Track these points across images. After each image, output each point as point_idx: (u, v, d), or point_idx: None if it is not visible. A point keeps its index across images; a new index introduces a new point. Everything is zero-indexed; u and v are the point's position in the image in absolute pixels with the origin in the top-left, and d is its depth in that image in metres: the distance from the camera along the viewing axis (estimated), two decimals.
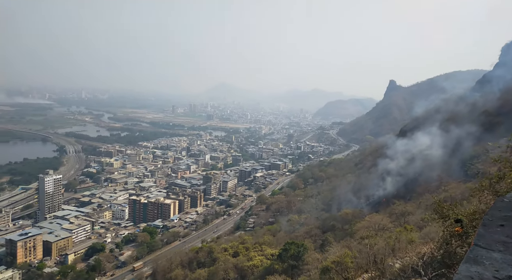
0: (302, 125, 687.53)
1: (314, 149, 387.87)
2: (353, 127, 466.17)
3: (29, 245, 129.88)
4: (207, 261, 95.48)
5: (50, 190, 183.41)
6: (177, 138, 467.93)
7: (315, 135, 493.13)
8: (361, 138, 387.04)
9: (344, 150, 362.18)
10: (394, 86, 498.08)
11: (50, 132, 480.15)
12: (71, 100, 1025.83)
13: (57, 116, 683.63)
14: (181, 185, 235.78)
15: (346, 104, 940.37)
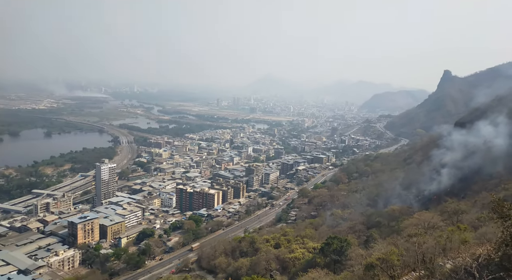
0: (347, 118, 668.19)
1: (359, 143, 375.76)
2: (403, 120, 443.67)
3: (88, 228, 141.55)
4: (249, 250, 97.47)
5: (105, 177, 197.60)
6: (221, 131, 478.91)
7: (360, 128, 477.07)
8: (411, 132, 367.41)
9: (392, 144, 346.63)
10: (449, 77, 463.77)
11: (105, 124, 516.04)
12: (124, 94, 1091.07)
13: (112, 108, 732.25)
14: (225, 176, 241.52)
15: (395, 96, 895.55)
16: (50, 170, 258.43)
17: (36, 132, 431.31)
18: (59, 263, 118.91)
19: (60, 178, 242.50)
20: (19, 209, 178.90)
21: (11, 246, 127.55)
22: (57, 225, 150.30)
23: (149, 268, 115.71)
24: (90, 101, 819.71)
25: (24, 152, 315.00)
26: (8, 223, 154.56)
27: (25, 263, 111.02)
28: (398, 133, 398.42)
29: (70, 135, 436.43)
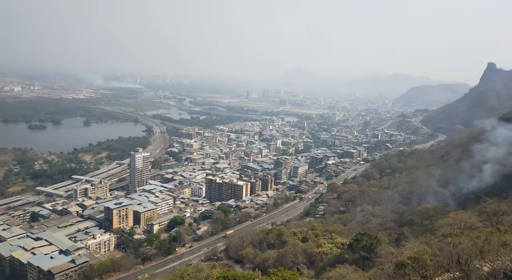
0: (380, 112, 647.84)
1: (392, 138, 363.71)
2: (440, 115, 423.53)
3: (123, 214, 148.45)
4: (276, 243, 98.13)
5: (139, 166, 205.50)
6: (250, 123, 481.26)
7: (394, 123, 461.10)
8: (449, 128, 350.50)
9: (428, 140, 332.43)
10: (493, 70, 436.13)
11: (140, 114, 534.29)
12: (158, 85, 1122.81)
13: (146, 99, 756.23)
14: (253, 168, 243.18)
15: (433, 90, 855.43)
16: (89, 157, 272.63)
17: (76, 121, 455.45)
18: (96, 246, 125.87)
19: (97, 165, 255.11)
20: (60, 193, 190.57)
21: (53, 228, 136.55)
22: (95, 209, 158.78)
23: (179, 255, 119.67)
24: (126, 92, 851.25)
25: (65, 139, 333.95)
26: (50, 206, 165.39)
27: (65, 244, 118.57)
28: (435, 128, 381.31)
29: (107, 124, 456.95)
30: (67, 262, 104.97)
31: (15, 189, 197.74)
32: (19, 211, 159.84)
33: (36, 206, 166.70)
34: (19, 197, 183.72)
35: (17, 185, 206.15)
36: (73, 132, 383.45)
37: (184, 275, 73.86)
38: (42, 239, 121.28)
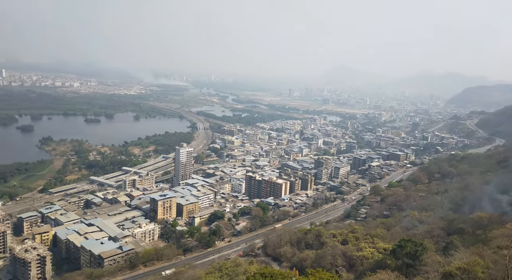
0: (431, 113, 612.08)
1: (444, 141, 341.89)
2: (499, 118, 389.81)
3: (167, 205, 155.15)
4: (314, 243, 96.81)
5: (183, 160, 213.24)
6: (291, 121, 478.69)
7: (446, 125, 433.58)
8: (509, 132, 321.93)
9: (484, 144, 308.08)
10: None
11: (185, 110, 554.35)
12: (202, 83, 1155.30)
13: (191, 96, 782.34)
14: (293, 167, 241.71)
15: (491, 91, 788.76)
16: (137, 150, 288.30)
17: (127, 115, 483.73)
18: (141, 235, 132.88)
19: (145, 158, 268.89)
20: (111, 183, 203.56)
21: (104, 215, 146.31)
22: (141, 200, 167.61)
23: (218, 248, 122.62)
24: (173, 89, 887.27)
25: (116, 132, 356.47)
26: (102, 194, 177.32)
27: (114, 231, 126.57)
28: (493, 132, 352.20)
29: (154, 119, 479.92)
30: (115, 248, 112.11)
31: (72, 178, 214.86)
32: (75, 198, 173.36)
33: (89, 194, 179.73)
34: (75, 185, 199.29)
35: (74, 174, 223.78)
36: (124, 126, 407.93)
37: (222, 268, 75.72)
38: (94, 225, 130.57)
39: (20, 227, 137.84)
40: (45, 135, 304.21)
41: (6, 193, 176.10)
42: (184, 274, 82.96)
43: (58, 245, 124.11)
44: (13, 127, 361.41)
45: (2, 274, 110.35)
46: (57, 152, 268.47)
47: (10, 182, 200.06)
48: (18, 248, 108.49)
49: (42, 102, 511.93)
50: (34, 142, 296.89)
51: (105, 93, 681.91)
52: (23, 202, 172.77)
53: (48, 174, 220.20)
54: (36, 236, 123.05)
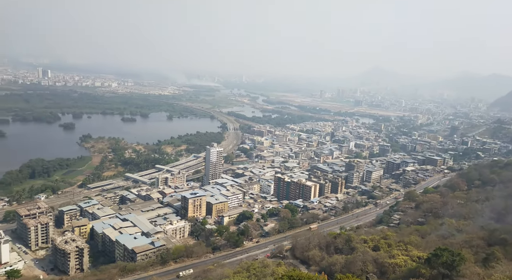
0: (471, 117, 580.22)
1: (485, 146, 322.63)
2: None
3: (197, 204, 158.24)
4: (344, 248, 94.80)
5: (213, 160, 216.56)
6: (322, 123, 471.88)
7: (488, 129, 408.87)
8: None
9: None
10: None
11: (216, 111, 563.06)
12: (233, 83, 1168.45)
13: (222, 97, 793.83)
14: (323, 169, 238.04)
15: None
16: (170, 149, 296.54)
17: (161, 115, 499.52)
18: (172, 231, 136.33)
19: (177, 156, 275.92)
20: (145, 180, 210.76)
21: (138, 211, 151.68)
22: (173, 197, 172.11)
23: (246, 249, 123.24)
24: (205, 89, 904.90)
25: (151, 131, 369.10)
26: (136, 191, 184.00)
27: (147, 227, 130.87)
28: None
29: (186, 119, 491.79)
30: (147, 243, 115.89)
31: (109, 174, 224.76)
32: (111, 194, 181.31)
33: (124, 190, 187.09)
34: (111, 181, 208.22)
35: (110, 170, 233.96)
36: (158, 125, 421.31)
37: (250, 268, 76.04)
38: (128, 221, 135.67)
39: (61, 220, 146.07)
40: (85, 132, 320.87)
41: (49, 187, 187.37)
42: (212, 272, 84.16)
43: (95, 238, 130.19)
44: (56, 124, 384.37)
45: (45, 263, 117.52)
46: (95, 149, 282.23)
47: (53, 177, 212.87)
48: (59, 240, 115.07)
49: (83, 101, 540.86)
50: (75, 139, 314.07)
51: (141, 93, 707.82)
52: (64, 196, 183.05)
53: (87, 170, 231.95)
54: (75, 228, 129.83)
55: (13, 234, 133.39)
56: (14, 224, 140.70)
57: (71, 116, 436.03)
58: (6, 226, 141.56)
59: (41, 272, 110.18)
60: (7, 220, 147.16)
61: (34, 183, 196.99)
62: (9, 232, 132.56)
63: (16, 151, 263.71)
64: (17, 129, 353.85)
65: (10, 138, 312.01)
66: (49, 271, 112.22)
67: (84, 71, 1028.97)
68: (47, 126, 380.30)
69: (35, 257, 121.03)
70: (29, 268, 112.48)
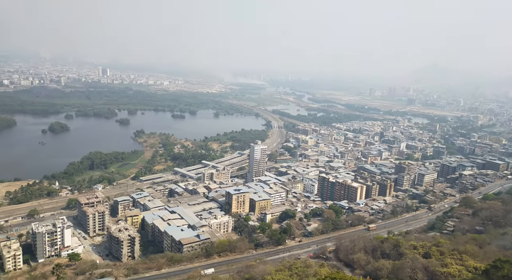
0: None
1: None
2: None
3: (240, 200, 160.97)
4: (392, 253, 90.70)
5: (257, 157, 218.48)
6: (370, 122, 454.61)
7: None
8: None
9: None
10: None
11: (261, 109, 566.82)
12: (279, 81, 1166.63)
13: (267, 95, 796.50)
14: (370, 170, 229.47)
15: None
16: (216, 145, 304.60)
17: (208, 112, 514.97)
18: (216, 226, 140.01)
19: (222, 153, 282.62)
20: (192, 175, 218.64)
21: (185, 204, 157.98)
22: (217, 193, 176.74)
23: (288, 247, 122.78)
24: (251, 87, 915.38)
25: (198, 128, 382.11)
26: (184, 185, 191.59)
27: (193, 220, 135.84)
28: None
29: (232, 116, 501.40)
30: (193, 236, 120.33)
31: (159, 168, 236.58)
32: (161, 187, 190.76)
33: (173, 184, 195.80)
34: (161, 174, 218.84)
35: (160, 164, 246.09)
36: (205, 122, 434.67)
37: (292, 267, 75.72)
38: (176, 213, 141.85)
39: (116, 209, 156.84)
40: (139, 128, 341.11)
41: (106, 178, 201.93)
42: (255, 268, 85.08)
43: (145, 228, 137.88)
44: (113, 120, 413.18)
45: (101, 248, 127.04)
46: (147, 144, 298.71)
47: (110, 169, 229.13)
48: (113, 228, 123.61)
49: (137, 98, 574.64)
50: (129, 134, 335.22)
51: (190, 91, 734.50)
52: (119, 187, 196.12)
53: (140, 163, 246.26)
54: (128, 218, 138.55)
55: (74, 220, 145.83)
56: (75, 211, 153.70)
57: (127, 112, 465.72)
58: (68, 213, 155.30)
59: (97, 257, 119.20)
60: (69, 207, 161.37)
61: (93, 174, 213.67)
62: (71, 218, 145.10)
63: (78, 144, 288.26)
64: (79, 123, 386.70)
65: (73, 131, 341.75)
66: (104, 257, 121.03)
67: (139, 70, 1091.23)
68: (105, 121, 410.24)
69: (92, 242, 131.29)
70: (87, 253, 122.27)
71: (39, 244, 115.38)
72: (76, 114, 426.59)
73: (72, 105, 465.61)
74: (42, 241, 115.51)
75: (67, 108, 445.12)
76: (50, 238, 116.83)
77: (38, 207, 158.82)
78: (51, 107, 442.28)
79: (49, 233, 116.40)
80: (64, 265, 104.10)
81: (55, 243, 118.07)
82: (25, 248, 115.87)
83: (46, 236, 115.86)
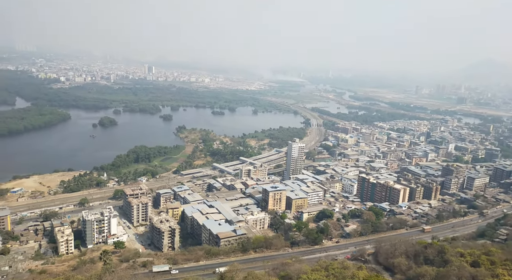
0: None
1: None
2: None
3: (277, 197, 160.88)
4: (436, 260, 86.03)
5: (295, 155, 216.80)
6: (416, 122, 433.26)
7: None
8: None
9: None
10: None
11: (300, 106, 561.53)
12: (319, 79, 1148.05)
13: (307, 92, 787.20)
14: (415, 172, 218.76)
15: None
16: (253, 142, 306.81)
17: (247, 109, 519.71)
18: (253, 222, 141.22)
19: (260, 150, 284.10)
20: (230, 170, 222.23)
21: (222, 199, 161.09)
22: (254, 189, 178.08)
23: (325, 247, 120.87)
24: (290, 85, 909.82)
25: (237, 124, 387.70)
26: (222, 180, 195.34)
27: (230, 215, 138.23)
28: None
29: (270, 114, 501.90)
30: (230, 230, 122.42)
31: (198, 163, 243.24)
32: (200, 181, 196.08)
33: (211, 179, 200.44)
34: (201, 169, 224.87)
35: (200, 159, 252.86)
36: (244, 119, 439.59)
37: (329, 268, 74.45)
38: (214, 207, 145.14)
39: (158, 201, 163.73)
40: (181, 124, 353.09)
41: (150, 171, 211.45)
42: (290, 266, 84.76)
43: (185, 220, 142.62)
44: (157, 116, 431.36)
45: (143, 238, 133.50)
46: (188, 139, 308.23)
47: (153, 162, 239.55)
48: (155, 219, 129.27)
49: (179, 95, 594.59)
50: (171, 129, 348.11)
51: (230, 88, 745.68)
52: (161, 180, 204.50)
53: (181, 158, 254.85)
54: (169, 210, 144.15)
55: (119, 210, 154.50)
56: (121, 201, 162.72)
57: (170, 108, 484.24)
58: (115, 203, 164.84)
59: (140, 246, 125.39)
60: (116, 197, 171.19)
61: (137, 167, 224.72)
62: (116, 208, 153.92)
63: (124, 137, 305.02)
64: (126, 118, 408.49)
65: (120, 126, 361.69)
66: (146, 246, 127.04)
67: (182, 67, 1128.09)
68: (150, 116, 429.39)
69: (136, 232, 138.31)
70: (131, 241, 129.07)
71: (89, 231, 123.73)
72: (124, 110, 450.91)
73: (120, 101, 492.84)
74: (91, 228, 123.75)
75: (115, 103, 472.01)
76: (98, 225, 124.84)
77: (88, 196, 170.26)
78: (101, 102, 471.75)
79: (97, 221, 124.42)
80: (110, 252, 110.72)
81: (103, 231, 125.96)
82: (76, 234, 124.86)
83: (94, 223, 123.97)
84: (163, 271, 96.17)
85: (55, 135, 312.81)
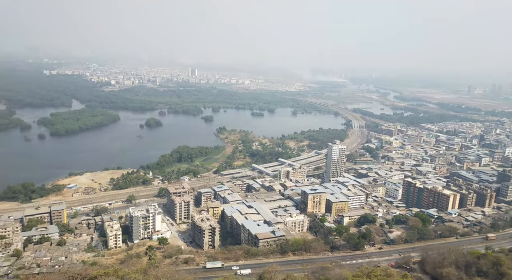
0: None
1: None
2: None
3: (316, 200, 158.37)
4: (490, 272, 79.97)
5: (335, 157, 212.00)
6: (468, 124, 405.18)
7: None
8: None
9: None
10: None
11: (340, 107, 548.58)
12: (362, 79, 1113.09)
13: (348, 93, 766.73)
14: (466, 177, 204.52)
15: None
16: (293, 143, 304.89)
17: (286, 111, 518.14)
18: (291, 224, 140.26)
19: (299, 151, 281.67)
20: (268, 172, 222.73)
21: (261, 200, 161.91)
22: (293, 191, 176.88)
23: (367, 253, 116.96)
24: (331, 85, 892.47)
25: (276, 126, 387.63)
26: (261, 181, 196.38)
27: (269, 216, 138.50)
28: None
29: (310, 115, 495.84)
30: (269, 231, 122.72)
31: (238, 163, 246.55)
32: (239, 181, 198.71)
33: (250, 180, 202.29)
34: (240, 170, 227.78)
35: (239, 160, 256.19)
36: (283, 120, 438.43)
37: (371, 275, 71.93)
38: (253, 208, 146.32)
39: (199, 200, 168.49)
40: (221, 125, 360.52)
41: (192, 171, 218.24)
42: (330, 271, 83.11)
43: (225, 219, 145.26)
44: (199, 117, 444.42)
45: (185, 235, 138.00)
46: (228, 140, 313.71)
47: (195, 162, 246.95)
48: (197, 217, 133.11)
49: (220, 96, 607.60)
50: (212, 130, 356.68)
51: (269, 90, 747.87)
52: (202, 179, 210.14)
53: (221, 158, 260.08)
54: (210, 209, 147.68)
55: (163, 207, 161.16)
56: (165, 199, 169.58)
57: (211, 109, 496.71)
58: (159, 200, 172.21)
59: (182, 243, 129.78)
60: (160, 195, 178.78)
61: (180, 166, 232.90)
62: (161, 205, 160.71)
63: (168, 138, 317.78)
64: (170, 119, 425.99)
65: (165, 127, 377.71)
66: (188, 243, 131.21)
67: (224, 69, 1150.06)
68: (192, 118, 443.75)
69: (178, 229, 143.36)
70: (173, 238, 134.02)
71: (135, 227, 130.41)
72: (168, 111, 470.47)
73: (165, 102, 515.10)
74: (138, 224, 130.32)
75: (160, 105, 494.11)
76: (144, 222, 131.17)
77: (135, 193, 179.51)
78: (147, 104, 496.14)
79: (143, 218, 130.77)
80: (155, 247, 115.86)
81: (148, 227, 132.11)
82: (124, 229, 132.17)
83: (140, 220, 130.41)
84: (216, 267, 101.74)
85: (106, 135, 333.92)
